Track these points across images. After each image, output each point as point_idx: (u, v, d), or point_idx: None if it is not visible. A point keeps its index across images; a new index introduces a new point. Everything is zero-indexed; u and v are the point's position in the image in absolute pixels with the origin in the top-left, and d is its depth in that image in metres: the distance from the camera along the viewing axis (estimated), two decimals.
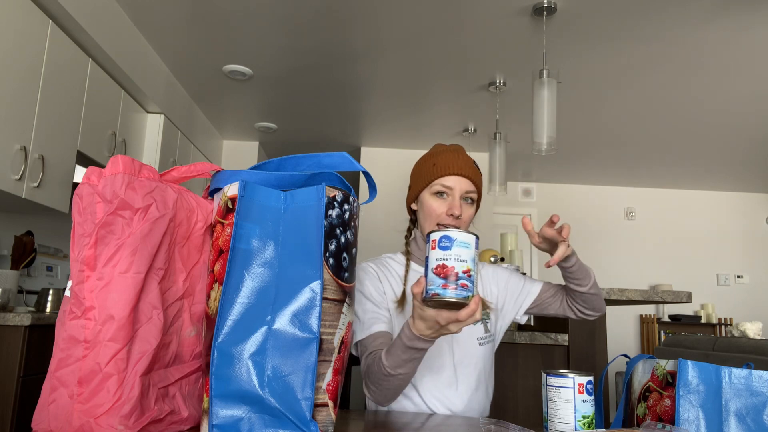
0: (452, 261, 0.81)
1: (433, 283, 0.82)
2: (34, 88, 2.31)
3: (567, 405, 0.84)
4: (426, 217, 1.29)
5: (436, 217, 1.27)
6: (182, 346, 0.80)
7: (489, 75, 3.67)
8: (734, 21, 2.91)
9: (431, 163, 1.30)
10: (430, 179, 1.28)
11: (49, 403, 0.69)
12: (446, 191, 1.27)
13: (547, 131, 2.66)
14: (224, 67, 3.64)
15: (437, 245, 0.82)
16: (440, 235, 0.83)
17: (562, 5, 2.80)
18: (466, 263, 0.82)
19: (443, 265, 0.81)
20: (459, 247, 0.81)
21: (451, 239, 0.82)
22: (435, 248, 0.83)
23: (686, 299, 1.93)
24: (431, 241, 0.84)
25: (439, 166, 1.28)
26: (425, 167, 1.31)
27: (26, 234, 2.47)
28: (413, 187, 1.35)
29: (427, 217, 1.29)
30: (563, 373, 0.86)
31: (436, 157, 1.31)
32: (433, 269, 0.82)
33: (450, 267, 0.81)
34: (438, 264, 0.81)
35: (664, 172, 5.76)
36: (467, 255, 0.82)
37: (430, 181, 1.29)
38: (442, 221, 1.27)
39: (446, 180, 1.27)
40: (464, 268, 0.81)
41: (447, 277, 0.81)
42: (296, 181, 0.82)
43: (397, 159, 5.39)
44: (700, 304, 6.15)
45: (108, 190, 0.71)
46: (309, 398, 0.70)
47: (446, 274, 0.81)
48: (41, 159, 2.35)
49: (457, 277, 0.81)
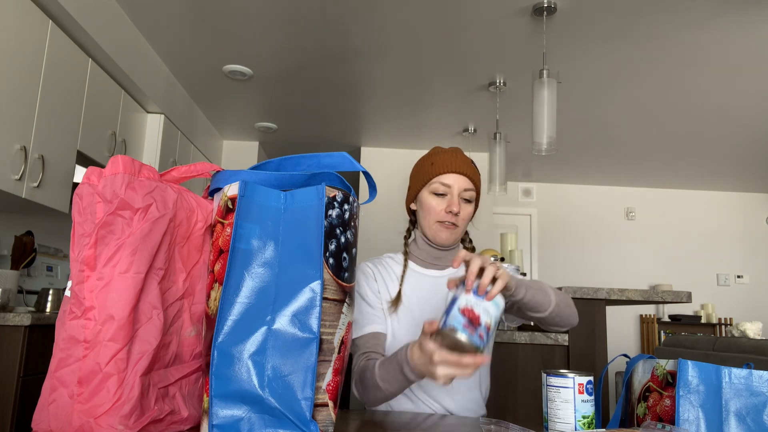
0: (481, 310, 0.83)
1: (455, 319, 0.83)
2: (34, 88, 2.31)
3: (567, 405, 0.84)
4: (425, 216, 1.30)
5: (435, 215, 1.28)
6: (182, 346, 0.80)
7: (489, 75, 3.67)
8: (734, 21, 2.92)
9: (429, 163, 1.31)
10: (429, 177, 1.29)
11: (49, 403, 0.69)
12: (445, 189, 1.28)
13: (547, 131, 2.66)
14: (224, 67, 3.64)
15: (473, 291, 0.85)
16: (478, 284, 0.85)
17: (562, 5, 2.80)
18: (491, 320, 0.84)
19: (472, 309, 0.83)
20: (492, 303, 0.84)
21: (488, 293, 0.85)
22: (470, 293, 0.84)
23: (686, 299, 1.93)
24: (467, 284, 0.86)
25: (437, 165, 1.29)
26: (424, 167, 1.32)
27: (26, 234, 2.47)
28: (412, 186, 1.35)
29: (426, 215, 1.29)
30: (563, 373, 0.86)
31: (434, 156, 1.32)
32: (461, 308, 0.83)
33: (477, 314, 0.83)
34: (468, 307, 0.83)
35: (665, 172, 5.76)
36: (494, 313, 0.85)
37: (428, 180, 1.29)
38: (441, 219, 1.27)
39: (444, 178, 1.27)
40: (487, 322, 0.83)
41: (472, 321, 0.82)
42: (296, 181, 0.82)
43: (397, 159, 5.39)
44: (700, 304, 6.15)
45: (108, 190, 0.71)
46: (309, 398, 0.70)
47: (472, 318, 0.82)
48: (41, 159, 2.35)
49: (480, 325, 0.82)
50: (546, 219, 6.26)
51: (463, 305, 0.83)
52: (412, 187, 1.35)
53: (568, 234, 6.22)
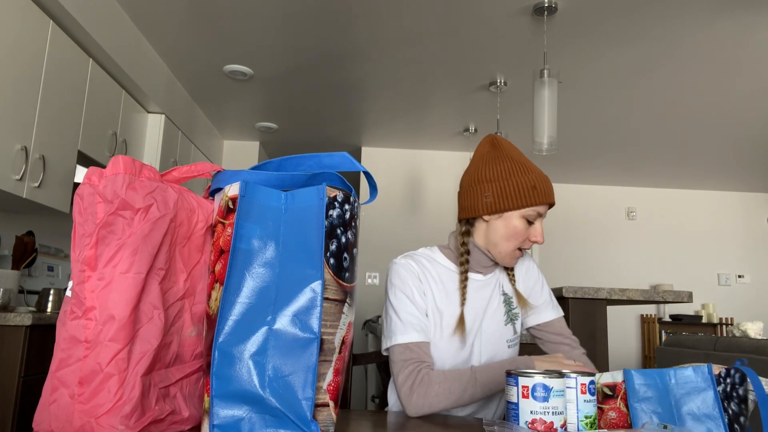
0: (550, 416, 0.73)
1: None
2: (35, 88, 2.31)
3: (570, 405, 0.84)
4: (506, 237, 1.22)
5: (519, 242, 1.23)
6: (183, 346, 0.80)
7: (490, 75, 3.67)
8: (735, 21, 2.91)
9: (531, 185, 1.20)
10: (529, 203, 1.20)
11: (50, 403, 0.69)
12: (537, 218, 1.22)
13: (548, 131, 2.66)
14: (225, 67, 3.64)
15: (530, 394, 0.74)
16: (534, 383, 0.74)
17: (563, 5, 2.80)
18: (563, 414, 0.74)
19: (542, 420, 0.73)
20: (556, 398, 0.74)
21: (548, 389, 0.74)
22: (528, 397, 0.74)
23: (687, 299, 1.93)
24: (521, 386, 0.75)
25: (540, 192, 1.20)
26: (522, 186, 1.20)
27: (27, 234, 2.47)
28: (500, 201, 1.21)
29: (510, 239, 1.22)
30: (566, 374, 0.86)
31: (537, 180, 1.21)
32: (528, 423, 0.74)
33: (549, 423, 0.73)
34: (533, 418, 0.74)
35: (665, 172, 5.76)
36: (563, 403, 0.75)
37: (527, 204, 1.20)
38: (523, 246, 1.24)
39: (542, 208, 1.21)
40: (561, 422, 0.74)
41: None
42: (297, 181, 0.82)
43: (397, 159, 5.39)
44: (701, 303, 6.15)
45: (109, 191, 0.71)
46: (310, 398, 0.70)
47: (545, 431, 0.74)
48: (42, 159, 2.35)
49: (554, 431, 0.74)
50: (546, 219, 6.26)
51: (527, 417, 0.74)
52: (499, 202, 1.21)
53: (569, 234, 6.21)
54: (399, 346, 1.17)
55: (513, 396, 0.76)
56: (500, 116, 4.28)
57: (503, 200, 1.21)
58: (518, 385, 0.76)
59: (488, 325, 1.27)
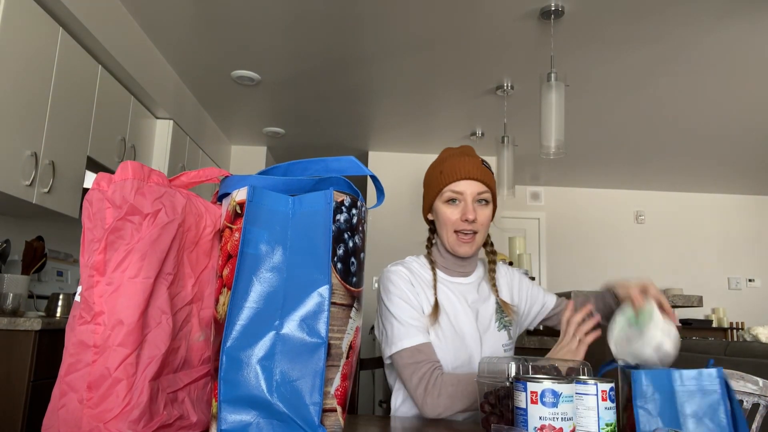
0: (559, 422, 0.73)
1: None
2: (45, 94, 2.33)
3: (590, 412, 0.81)
4: (442, 226, 1.28)
5: (452, 225, 1.26)
6: (191, 350, 0.81)
7: (496, 79, 3.67)
8: (744, 23, 2.90)
9: (438, 171, 1.29)
10: (440, 187, 1.27)
11: (59, 407, 0.69)
12: (458, 197, 1.26)
13: (555, 135, 2.65)
14: (232, 72, 3.65)
15: (539, 400, 0.74)
16: (543, 389, 0.74)
17: (570, 9, 2.80)
18: (572, 420, 0.74)
19: (551, 426, 0.73)
20: (565, 403, 0.74)
21: (557, 394, 0.74)
22: (537, 403, 0.74)
23: (697, 303, 1.92)
24: (529, 392, 0.74)
25: (446, 173, 1.27)
26: (433, 176, 1.30)
27: (37, 239, 2.49)
28: (426, 197, 1.33)
29: (444, 226, 1.28)
30: (585, 380, 0.83)
31: (443, 164, 1.29)
32: (537, 429, 0.74)
33: (558, 429, 0.73)
34: (542, 424, 0.74)
35: (674, 175, 5.72)
36: (572, 409, 0.74)
37: (439, 190, 1.27)
38: (458, 228, 1.25)
39: (456, 186, 1.25)
40: (571, 428, 0.74)
41: None
42: (304, 185, 0.82)
43: (405, 163, 5.39)
44: (711, 308, 6.09)
45: (117, 196, 0.71)
46: (317, 403, 0.70)
47: None
48: (52, 165, 2.37)
49: None
50: (554, 223, 6.23)
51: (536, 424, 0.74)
52: (425, 197, 1.33)
53: (577, 238, 6.19)
54: (408, 350, 1.17)
55: (522, 401, 0.76)
56: (507, 120, 4.27)
57: (426, 195, 1.33)
58: (527, 391, 0.75)
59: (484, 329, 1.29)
